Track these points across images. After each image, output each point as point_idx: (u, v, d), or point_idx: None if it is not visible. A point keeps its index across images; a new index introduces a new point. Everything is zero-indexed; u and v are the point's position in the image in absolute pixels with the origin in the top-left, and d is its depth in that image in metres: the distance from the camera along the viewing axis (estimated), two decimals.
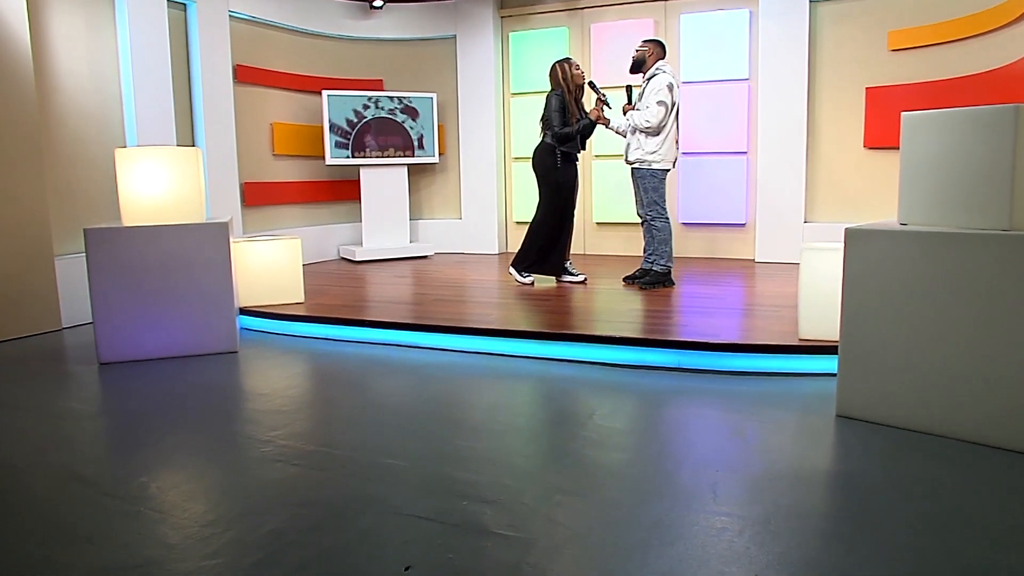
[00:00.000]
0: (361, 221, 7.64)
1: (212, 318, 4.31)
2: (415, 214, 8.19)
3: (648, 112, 5.23)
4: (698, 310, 4.71)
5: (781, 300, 4.94)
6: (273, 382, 3.83)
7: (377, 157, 7.50)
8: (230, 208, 6.42)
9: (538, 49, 7.65)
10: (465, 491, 2.45)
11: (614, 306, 4.92)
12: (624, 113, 5.50)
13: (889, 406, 3.02)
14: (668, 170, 5.40)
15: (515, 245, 7.94)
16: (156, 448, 2.92)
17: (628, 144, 5.46)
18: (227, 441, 2.98)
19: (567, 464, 2.70)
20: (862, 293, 3.08)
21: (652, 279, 5.50)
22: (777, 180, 6.76)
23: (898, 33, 6.20)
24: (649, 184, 5.36)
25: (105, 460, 2.86)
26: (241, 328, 4.87)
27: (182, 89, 6.13)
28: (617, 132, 5.61)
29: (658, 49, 5.37)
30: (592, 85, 5.63)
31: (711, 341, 3.85)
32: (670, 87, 5.22)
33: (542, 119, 5.58)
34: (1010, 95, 5.08)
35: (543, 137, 5.59)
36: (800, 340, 3.83)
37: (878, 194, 6.46)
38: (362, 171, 7.50)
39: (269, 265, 5.08)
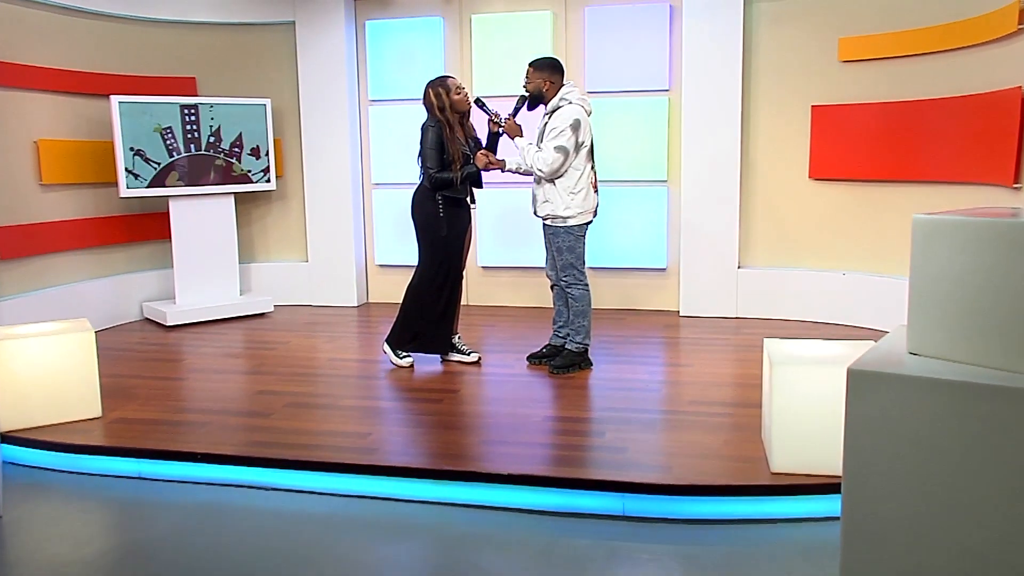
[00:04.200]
0: (172, 268, 7.07)
1: None
2: (246, 256, 7.69)
3: (543, 156, 5.02)
4: (631, 414, 4.54)
5: (728, 390, 4.95)
6: (54, 573, 3.26)
7: (191, 185, 7.02)
8: None
9: (404, 43, 7.37)
10: None
11: (522, 409, 4.69)
12: (506, 131, 5.26)
13: None
14: (588, 223, 5.22)
15: (378, 294, 7.75)
16: None
17: (534, 195, 5.24)
18: None
19: None
20: (869, 453, 2.89)
21: (566, 361, 5.29)
22: (705, 216, 6.76)
23: (851, 41, 6.26)
24: (564, 243, 5.15)
25: None
26: (5, 463, 4.21)
27: None
28: (517, 173, 5.36)
29: (555, 75, 5.13)
30: (480, 103, 5.36)
31: (663, 483, 3.65)
32: (575, 126, 5.00)
33: (419, 155, 5.26)
34: (988, 130, 5.20)
35: (421, 179, 5.29)
36: (773, 475, 3.71)
37: (826, 234, 6.58)
38: (172, 203, 6.96)
39: (48, 369, 4.44)
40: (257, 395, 5.00)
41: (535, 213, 5.29)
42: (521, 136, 5.22)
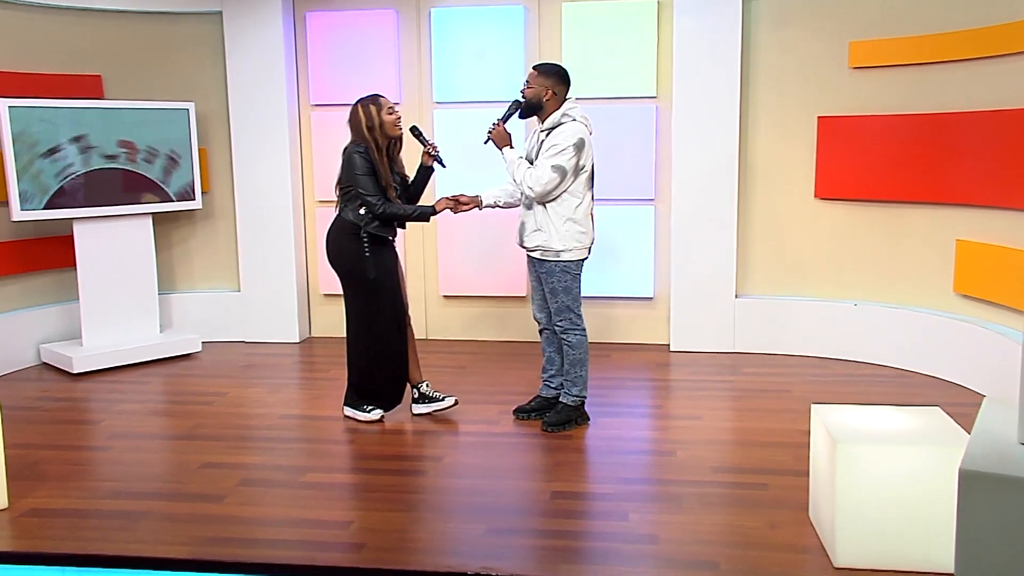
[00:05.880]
0: (78, 302, 6.66)
1: None
2: (165, 285, 7.32)
3: (536, 174, 4.76)
4: (649, 487, 4.33)
5: (752, 451, 4.77)
6: None
7: (99, 205, 6.65)
8: None
9: (350, 39, 7.09)
10: None
11: (523, 481, 4.42)
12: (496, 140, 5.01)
13: None
14: (584, 260, 5.01)
15: (322, 328, 7.52)
16: None
17: (523, 222, 4.97)
18: None
19: None
20: (984, 557, 2.72)
21: (561, 417, 5.04)
22: (698, 239, 6.68)
23: (863, 45, 6.17)
24: (559, 283, 4.90)
25: None
26: None
27: None
28: (497, 207, 5.19)
29: (560, 86, 4.89)
30: (416, 132, 5.18)
31: None
32: (579, 146, 4.78)
33: (338, 185, 5.04)
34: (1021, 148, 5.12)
35: (339, 212, 5.05)
36: (836, 570, 3.50)
37: (833, 260, 6.53)
38: (76, 226, 6.55)
39: None
40: (201, 470, 4.54)
41: (521, 244, 5.02)
42: (511, 147, 4.95)
